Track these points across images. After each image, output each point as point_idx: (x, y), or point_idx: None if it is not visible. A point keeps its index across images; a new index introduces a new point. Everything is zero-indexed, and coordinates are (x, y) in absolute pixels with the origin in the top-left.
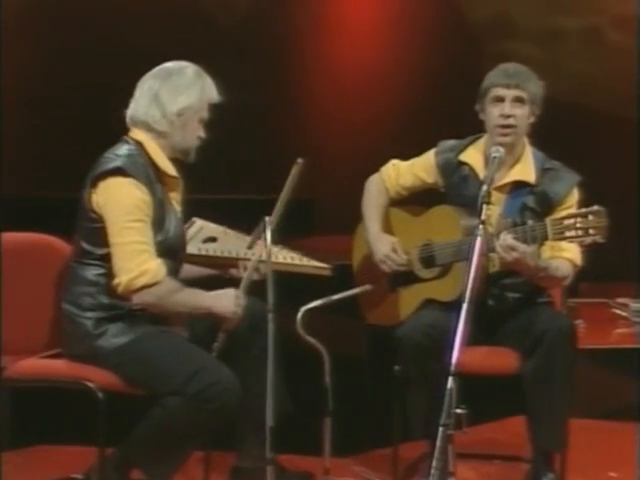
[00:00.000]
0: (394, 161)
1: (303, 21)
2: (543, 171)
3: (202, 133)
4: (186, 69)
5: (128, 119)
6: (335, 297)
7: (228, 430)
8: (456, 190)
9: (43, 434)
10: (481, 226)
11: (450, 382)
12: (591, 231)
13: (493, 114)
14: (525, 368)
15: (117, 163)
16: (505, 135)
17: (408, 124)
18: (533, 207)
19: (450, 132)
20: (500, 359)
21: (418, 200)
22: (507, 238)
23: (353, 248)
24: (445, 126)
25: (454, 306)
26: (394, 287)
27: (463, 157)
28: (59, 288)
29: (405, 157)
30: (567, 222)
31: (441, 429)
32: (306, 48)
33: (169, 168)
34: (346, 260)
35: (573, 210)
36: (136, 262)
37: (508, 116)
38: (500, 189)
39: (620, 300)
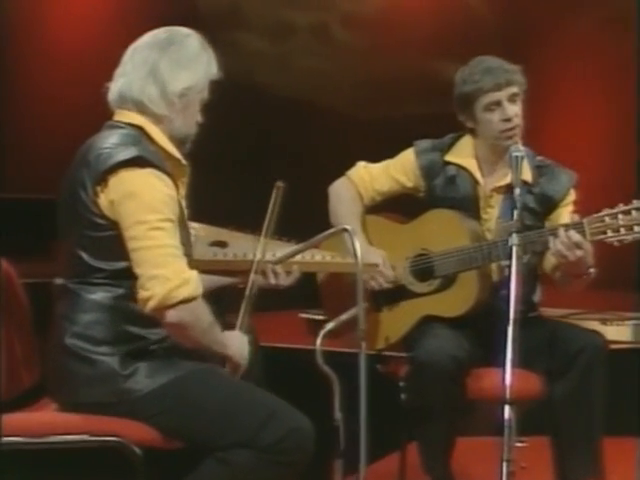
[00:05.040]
0: (363, 163)
1: None
2: (537, 169)
3: (200, 117)
4: (189, 38)
5: (115, 96)
6: (343, 317)
7: None
8: (442, 193)
9: None
10: (515, 234)
11: (507, 412)
12: (636, 228)
13: (492, 121)
14: (556, 391)
15: (132, 151)
16: (512, 137)
17: None
18: (533, 207)
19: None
20: (524, 383)
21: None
22: (572, 234)
23: None
24: None
25: (461, 323)
26: (379, 306)
27: (451, 157)
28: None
29: None
30: (608, 221)
31: (505, 465)
32: (20, 24)
33: (178, 155)
34: None
35: (569, 208)
36: (173, 269)
37: (510, 119)
38: (496, 191)
39: None
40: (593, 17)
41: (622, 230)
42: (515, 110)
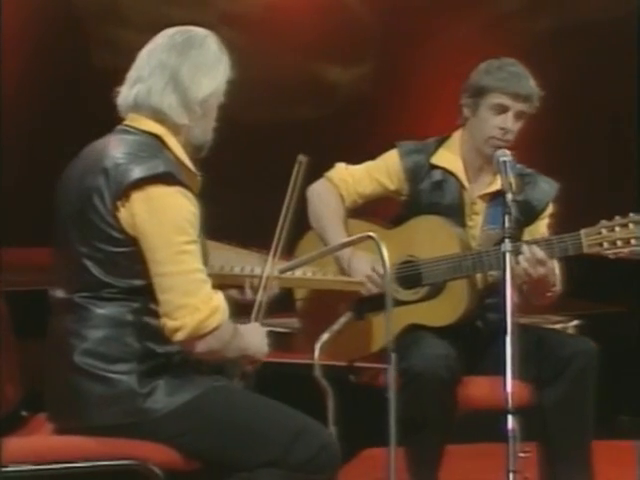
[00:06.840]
0: (343, 165)
1: None
2: (520, 177)
3: (215, 122)
4: (207, 40)
5: (130, 102)
6: (335, 327)
7: None
8: (428, 198)
9: None
10: (507, 240)
11: (511, 422)
12: (633, 241)
13: (491, 123)
14: (547, 397)
15: (158, 165)
16: (498, 148)
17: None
18: (516, 216)
19: (82, 125)
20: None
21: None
22: (537, 251)
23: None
24: (74, 118)
25: (446, 332)
26: (361, 314)
27: (436, 160)
28: None
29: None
30: (605, 233)
31: (511, 476)
32: None
33: (192, 167)
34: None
35: (546, 220)
36: (200, 297)
37: (506, 130)
38: (482, 198)
39: None
40: (474, 21)
41: (619, 243)
42: (516, 126)
